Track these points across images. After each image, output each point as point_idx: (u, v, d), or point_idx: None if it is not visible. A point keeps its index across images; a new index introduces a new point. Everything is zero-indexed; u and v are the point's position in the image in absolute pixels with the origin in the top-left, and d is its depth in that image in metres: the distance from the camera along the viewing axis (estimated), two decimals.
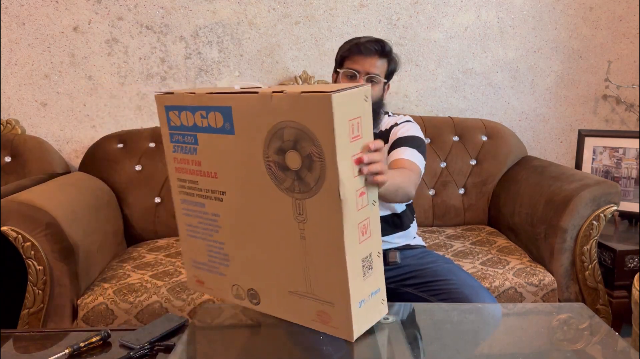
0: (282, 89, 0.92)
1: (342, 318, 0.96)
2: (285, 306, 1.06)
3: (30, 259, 1.52)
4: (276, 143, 0.94)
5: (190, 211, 1.16)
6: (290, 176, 0.94)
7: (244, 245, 1.09)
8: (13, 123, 2.15)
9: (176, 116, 1.08)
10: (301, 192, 0.94)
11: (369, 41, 1.44)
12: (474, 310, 1.18)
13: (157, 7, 2.18)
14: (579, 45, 2.38)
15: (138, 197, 2.06)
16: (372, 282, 0.98)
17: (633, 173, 2.07)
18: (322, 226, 0.94)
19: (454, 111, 2.38)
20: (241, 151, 1.00)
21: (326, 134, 0.88)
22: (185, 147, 1.09)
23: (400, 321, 1.06)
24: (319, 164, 0.90)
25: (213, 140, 1.04)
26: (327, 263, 0.95)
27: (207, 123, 1.03)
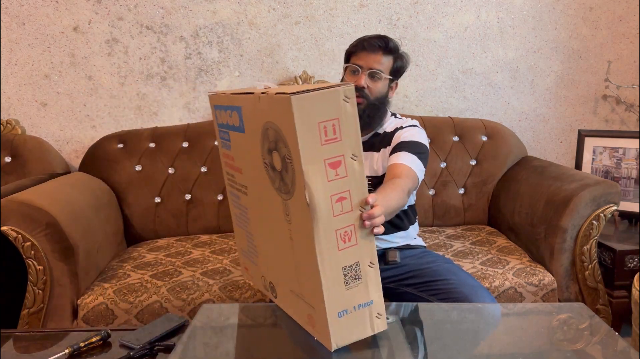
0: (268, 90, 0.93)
1: (321, 325, 0.94)
2: (289, 304, 1.07)
3: (30, 259, 1.52)
4: (266, 143, 0.95)
5: (234, 202, 1.23)
6: (277, 176, 0.95)
7: (260, 239, 1.13)
8: (13, 123, 2.15)
9: (219, 114, 1.17)
10: (285, 193, 0.94)
11: (374, 37, 1.46)
12: (474, 310, 1.18)
13: (157, 7, 2.18)
14: (579, 45, 2.38)
15: (138, 197, 2.06)
16: (359, 293, 0.93)
17: (633, 173, 2.07)
18: (300, 229, 0.93)
19: (454, 111, 2.38)
20: (250, 149, 1.02)
21: (291, 136, 0.86)
22: (225, 143, 1.17)
23: (400, 321, 1.06)
24: (291, 166, 0.89)
25: (237, 138, 1.10)
26: (307, 267, 0.93)
27: (232, 122, 1.09)
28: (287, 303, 1.09)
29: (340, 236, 0.90)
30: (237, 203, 1.20)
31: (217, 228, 2.11)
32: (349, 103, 0.88)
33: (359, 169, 0.90)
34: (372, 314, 0.95)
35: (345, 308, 0.92)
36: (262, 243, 1.13)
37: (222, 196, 2.11)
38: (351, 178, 0.90)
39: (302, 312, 1.01)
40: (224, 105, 1.12)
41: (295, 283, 1.00)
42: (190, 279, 1.64)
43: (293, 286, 1.02)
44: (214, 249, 1.90)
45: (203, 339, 1.05)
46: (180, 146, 2.12)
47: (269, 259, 1.11)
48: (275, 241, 1.04)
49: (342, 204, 0.90)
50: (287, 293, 1.06)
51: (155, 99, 2.25)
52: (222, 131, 1.17)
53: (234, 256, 1.82)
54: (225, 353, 1.01)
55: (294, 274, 0.99)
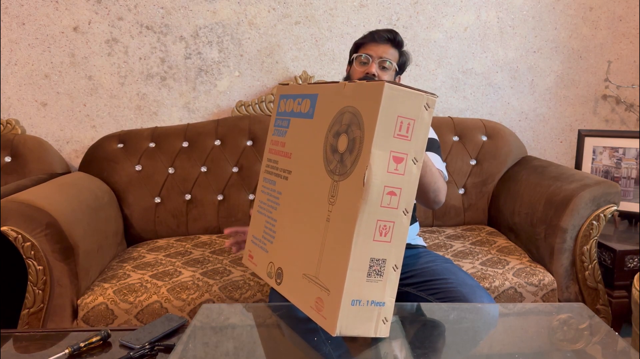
0: None
1: (331, 308, 0.94)
2: (295, 289, 1.08)
3: (30, 259, 1.52)
4: (336, 126, 1.01)
5: (265, 188, 1.26)
6: (336, 158, 1.00)
7: (286, 224, 1.15)
8: (13, 123, 2.15)
9: (284, 103, 1.23)
10: (339, 174, 0.98)
11: (383, 30, 1.52)
12: (474, 310, 1.18)
13: (157, 7, 2.18)
14: (579, 45, 2.39)
15: (138, 197, 2.06)
16: (377, 290, 0.95)
17: (633, 173, 2.07)
18: (344, 210, 0.96)
19: (454, 111, 2.38)
20: (312, 134, 1.08)
21: (371, 119, 0.92)
22: (280, 130, 1.23)
23: (401, 321, 1.06)
24: (358, 147, 0.94)
25: (298, 124, 1.16)
26: (337, 247, 0.96)
27: (300, 109, 1.16)
28: (292, 289, 1.10)
29: (380, 227, 0.93)
30: (270, 188, 1.23)
31: (217, 228, 2.11)
32: (428, 111, 0.94)
33: (415, 173, 0.95)
34: (380, 316, 0.96)
35: (360, 298, 0.94)
36: (285, 226, 1.15)
37: (222, 197, 2.11)
38: (406, 178, 0.94)
39: (310, 296, 1.01)
40: (294, 94, 1.19)
41: (313, 266, 1.02)
42: (190, 279, 1.64)
43: (309, 270, 1.03)
44: (214, 249, 1.90)
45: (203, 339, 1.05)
46: (180, 146, 2.12)
47: (287, 244, 1.13)
48: (304, 223, 1.07)
49: (390, 198, 0.93)
50: (297, 278, 1.07)
51: (155, 99, 2.25)
52: (280, 119, 1.23)
53: (234, 256, 1.82)
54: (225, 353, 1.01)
55: (316, 256, 1.01)
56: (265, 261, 1.21)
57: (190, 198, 2.10)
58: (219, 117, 2.27)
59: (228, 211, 2.10)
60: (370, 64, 1.47)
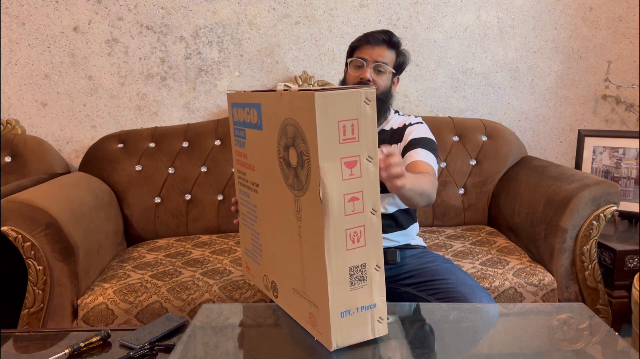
0: (290, 89, 0.96)
1: (323, 323, 0.94)
2: (290, 303, 1.07)
3: (30, 259, 1.52)
4: (283, 139, 0.97)
5: (243, 200, 1.25)
6: (291, 172, 0.96)
7: (268, 238, 1.14)
8: (13, 123, 2.15)
9: (236, 112, 1.19)
10: (298, 189, 0.95)
11: (378, 32, 1.48)
12: (474, 310, 1.18)
13: (157, 7, 2.18)
14: (579, 45, 2.38)
15: (138, 197, 2.06)
16: (363, 295, 0.93)
17: (633, 173, 2.07)
18: (311, 226, 0.93)
19: (454, 111, 2.38)
20: (267, 146, 1.05)
21: (311, 132, 0.87)
22: (240, 141, 1.19)
23: (401, 321, 1.06)
24: (307, 162, 0.90)
25: (252, 135, 1.12)
26: (314, 263, 0.94)
27: (250, 119, 1.12)
28: (288, 302, 1.09)
29: (350, 236, 0.91)
30: (246, 201, 1.22)
31: (217, 228, 2.11)
32: (369, 105, 0.89)
33: (373, 171, 0.91)
34: (374, 318, 0.95)
35: (348, 308, 0.93)
36: (268, 241, 1.14)
37: (222, 197, 2.11)
38: (365, 179, 0.90)
39: (303, 311, 1.01)
40: (242, 102, 1.15)
41: (299, 281, 1.01)
42: (190, 279, 1.64)
43: (296, 285, 1.02)
44: (214, 249, 1.90)
45: (203, 339, 1.05)
46: (180, 146, 2.12)
47: (274, 258, 1.12)
48: (282, 238, 1.05)
49: (354, 204, 0.90)
50: (289, 292, 1.06)
51: (155, 99, 2.25)
52: (237, 129, 1.19)
53: (234, 256, 1.82)
54: (225, 353, 1.01)
55: (299, 272, 1.00)
56: (260, 273, 1.21)
57: (190, 198, 2.10)
58: (219, 117, 2.27)
59: (228, 211, 2.10)
60: (365, 69, 1.45)
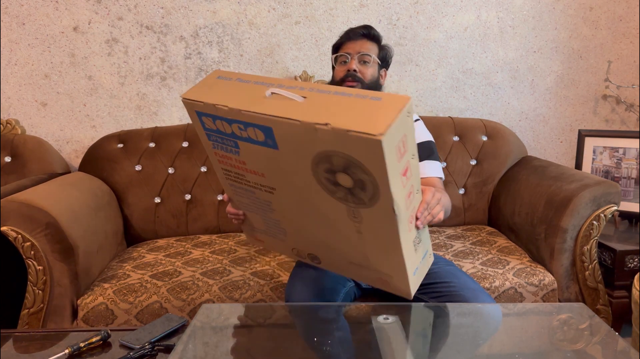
0: (325, 122, 0.88)
1: (400, 285, 1.11)
2: (347, 270, 1.21)
3: (30, 259, 1.52)
4: (325, 165, 0.95)
5: (240, 193, 1.20)
6: (342, 190, 0.97)
7: (299, 228, 1.17)
8: (13, 123, 2.15)
9: (211, 122, 1.07)
10: (355, 203, 0.98)
11: (357, 27, 1.55)
12: (474, 311, 1.18)
13: (157, 7, 2.18)
14: (579, 45, 2.38)
15: (138, 197, 2.06)
16: (421, 250, 1.10)
17: (633, 173, 2.07)
18: (379, 230, 1.01)
19: (454, 111, 2.38)
20: (287, 164, 1.01)
21: (378, 168, 0.88)
22: (226, 147, 1.10)
23: (400, 321, 1.06)
24: (372, 188, 0.92)
25: (255, 149, 1.03)
26: (385, 252, 1.05)
27: (247, 135, 1.02)
28: (342, 269, 1.22)
29: (410, 220, 1.02)
30: (249, 195, 1.18)
31: (217, 228, 2.11)
32: (410, 116, 0.91)
33: (415, 164, 0.98)
34: (428, 258, 1.15)
35: (417, 266, 1.09)
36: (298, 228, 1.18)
37: (222, 196, 2.11)
38: (414, 174, 0.98)
39: (370, 275, 1.15)
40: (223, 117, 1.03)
41: (359, 259, 1.12)
42: (190, 279, 1.64)
43: (356, 261, 1.14)
44: (214, 249, 1.90)
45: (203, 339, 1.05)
46: (180, 146, 2.12)
47: (312, 241, 1.19)
48: (327, 233, 1.11)
49: (410, 197, 1.00)
50: (343, 264, 1.18)
51: (155, 99, 2.25)
52: (217, 136, 1.10)
53: (234, 256, 1.82)
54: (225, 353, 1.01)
55: (359, 254, 1.10)
56: (285, 246, 1.27)
57: (190, 198, 2.10)
58: None
59: None
60: (350, 61, 1.49)
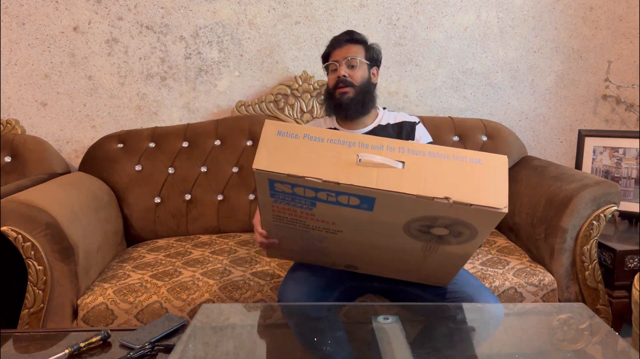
0: (445, 196, 1.00)
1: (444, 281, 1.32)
2: (386, 273, 1.37)
3: (30, 259, 1.52)
4: (424, 222, 1.06)
5: (285, 229, 1.22)
6: (430, 237, 1.11)
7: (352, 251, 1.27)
8: (13, 123, 2.15)
9: (287, 187, 1.05)
10: (438, 243, 1.12)
11: (340, 34, 1.61)
12: (475, 310, 1.18)
13: (157, 7, 2.18)
14: (579, 45, 2.38)
15: (138, 197, 2.06)
16: None
17: (633, 173, 2.07)
18: (450, 258, 1.16)
19: (454, 111, 2.38)
20: (376, 221, 1.09)
21: (487, 227, 1.06)
22: (294, 204, 1.09)
23: (400, 321, 1.06)
24: (469, 237, 1.08)
25: (340, 209, 1.08)
26: (443, 270, 1.25)
27: (336, 200, 1.05)
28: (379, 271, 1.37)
29: None
30: (300, 234, 1.21)
31: (217, 228, 2.11)
32: None
33: None
34: None
35: None
36: (346, 252, 1.28)
37: (222, 197, 2.11)
38: None
39: (412, 276, 1.35)
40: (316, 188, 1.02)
41: (408, 273, 1.33)
42: (190, 279, 1.64)
43: (403, 275, 1.35)
44: (214, 249, 1.90)
45: (203, 339, 1.05)
46: (180, 146, 2.12)
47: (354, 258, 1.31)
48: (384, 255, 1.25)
49: None
50: (384, 271, 1.36)
51: (155, 99, 2.25)
52: (290, 197, 1.07)
53: (234, 256, 1.82)
54: (225, 353, 1.01)
55: (411, 269, 1.29)
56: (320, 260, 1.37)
57: (190, 198, 2.10)
58: (219, 117, 2.27)
59: (228, 211, 2.10)
60: (339, 68, 1.56)
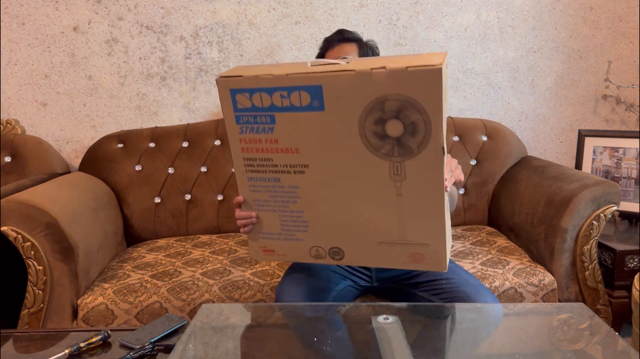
0: (381, 64, 0.96)
1: (437, 255, 1.11)
2: (373, 255, 1.18)
3: (30, 259, 1.52)
4: (375, 114, 1.00)
5: (259, 187, 1.19)
6: (389, 142, 1.01)
7: (328, 211, 1.15)
8: (13, 123, 2.15)
9: (246, 98, 1.08)
10: (401, 155, 1.02)
11: (332, 35, 1.60)
12: (475, 310, 1.18)
13: (157, 7, 2.18)
14: (579, 45, 2.38)
15: (138, 197, 2.06)
16: (449, 226, 1.14)
17: (633, 173, 2.07)
18: (422, 181, 1.04)
19: (454, 111, 2.38)
20: (331, 125, 1.04)
21: (434, 103, 0.95)
22: (257, 127, 1.11)
23: (400, 321, 1.06)
24: (424, 128, 0.98)
25: (295, 118, 1.06)
26: (425, 213, 1.07)
27: (289, 103, 1.04)
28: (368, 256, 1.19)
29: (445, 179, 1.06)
30: (271, 186, 1.17)
31: (217, 228, 2.11)
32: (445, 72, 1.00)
33: (445, 129, 1.03)
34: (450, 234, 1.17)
35: (449, 235, 1.13)
36: (324, 214, 1.16)
37: (222, 197, 2.11)
38: (446, 135, 1.03)
39: (398, 256, 1.15)
40: (264, 87, 1.05)
41: (392, 234, 1.13)
42: (190, 279, 1.64)
43: (388, 238, 1.14)
44: (214, 249, 1.90)
45: (203, 339, 1.05)
46: (180, 146, 2.12)
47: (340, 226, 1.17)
48: (362, 204, 1.11)
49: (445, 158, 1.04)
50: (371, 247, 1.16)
51: (155, 99, 2.25)
52: (249, 115, 1.10)
53: (234, 256, 1.82)
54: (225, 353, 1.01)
55: (393, 226, 1.12)
56: (303, 247, 1.23)
57: (190, 198, 2.10)
58: (219, 117, 2.27)
59: (228, 211, 2.10)
60: None
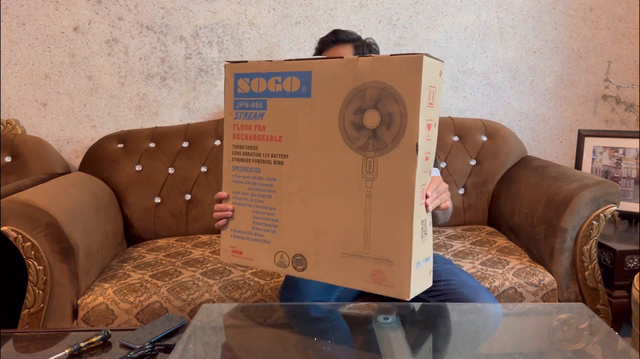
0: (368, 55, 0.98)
1: (399, 276, 0.98)
2: (336, 269, 1.06)
3: (30, 259, 1.52)
4: (356, 103, 1.00)
5: (241, 177, 1.17)
6: (365, 134, 1.00)
7: (298, 209, 1.10)
8: (13, 123, 2.15)
9: (246, 83, 1.13)
10: (374, 150, 0.99)
11: (325, 36, 1.58)
12: (474, 310, 1.18)
13: (157, 7, 2.18)
14: (579, 45, 2.38)
15: (138, 197, 2.06)
16: (426, 248, 1.03)
17: (633, 173, 2.07)
18: (392, 182, 0.98)
19: (454, 111, 2.38)
20: (314, 113, 1.05)
21: (412, 92, 0.93)
22: (250, 113, 1.13)
23: (400, 321, 1.06)
24: (399, 121, 0.95)
25: (284, 104, 1.08)
26: (392, 220, 0.98)
27: (281, 88, 1.08)
28: (330, 270, 1.07)
29: (422, 191, 0.99)
30: (251, 177, 1.15)
31: (217, 228, 2.11)
32: (441, 78, 0.99)
33: (435, 136, 1.01)
34: (429, 270, 1.05)
35: (419, 260, 1.00)
36: (296, 212, 1.10)
37: None
38: (433, 142, 1.00)
39: (360, 272, 1.02)
40: (262, 72, 1.10)
41: (357, 244, 1.02)
42: (190, 279, 1.64)
43: (352, 248, 1.03)
44: (214, 249, 1.90)
45: (203, 339, 1.05)
46: (180, 146, 2.12)
47: (307, 229, 1.09)
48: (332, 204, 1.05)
49: (426, 163, 0.99)
50: (334, 258, 1.05)
51: (155, 99, 2.25)
52: (245, 100, 1.14)
53: None
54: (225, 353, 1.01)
55: (359, 233, 1.02)
56: (269, 252, 1.15)
57: (190, 198, 2.10)
58: (219, 117, 2.27)
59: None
60: None
